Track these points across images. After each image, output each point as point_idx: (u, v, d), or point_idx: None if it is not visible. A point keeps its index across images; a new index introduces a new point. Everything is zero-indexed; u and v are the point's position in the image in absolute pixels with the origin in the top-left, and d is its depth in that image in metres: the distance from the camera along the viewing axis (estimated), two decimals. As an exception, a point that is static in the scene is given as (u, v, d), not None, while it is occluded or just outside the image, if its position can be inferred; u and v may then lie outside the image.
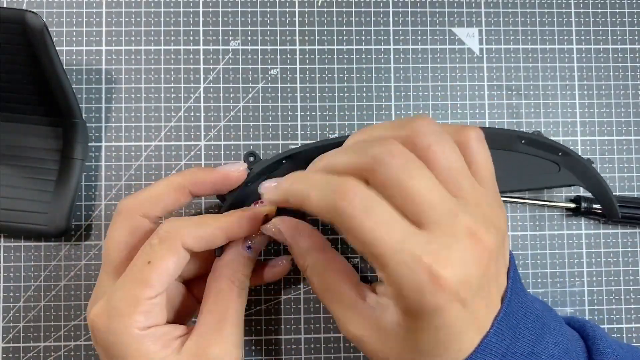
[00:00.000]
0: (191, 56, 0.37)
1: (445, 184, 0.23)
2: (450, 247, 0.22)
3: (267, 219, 0.29)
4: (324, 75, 0.37)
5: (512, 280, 0.25)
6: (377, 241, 0.22)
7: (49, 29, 0.31)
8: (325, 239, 0.28)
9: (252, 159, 0.32)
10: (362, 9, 0.38)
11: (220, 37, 0.37)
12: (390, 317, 0.24)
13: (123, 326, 0.25)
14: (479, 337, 0.24)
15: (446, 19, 0.38)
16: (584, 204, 0.36)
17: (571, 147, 0.38)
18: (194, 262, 0.30)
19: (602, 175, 0.38)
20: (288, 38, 0.37)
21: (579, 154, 0.38)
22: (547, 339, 0.25)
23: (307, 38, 0.37)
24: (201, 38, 0.37)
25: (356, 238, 0.23)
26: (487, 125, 0.38)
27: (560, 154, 0.33)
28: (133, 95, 0.36)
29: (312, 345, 0.36)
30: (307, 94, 0.37)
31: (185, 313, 0.30)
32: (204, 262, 0.30)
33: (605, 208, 0.33)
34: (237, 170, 0.30)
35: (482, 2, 0.38)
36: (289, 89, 0.37)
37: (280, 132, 0.37)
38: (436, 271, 0.21)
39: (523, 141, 0.32)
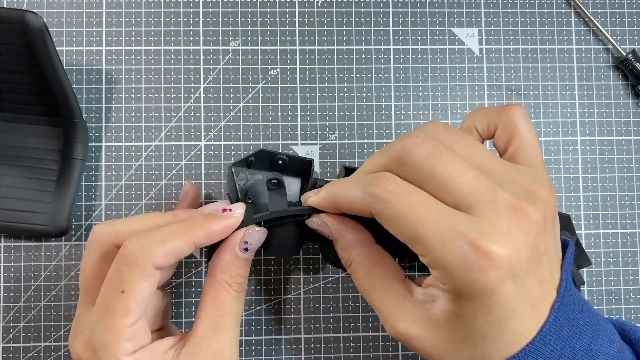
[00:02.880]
0: (191, 56, 0.37)
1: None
2: (494, 222, 0.21)
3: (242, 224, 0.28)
4: (324, 75, 0.37)
5: (566, 272, 0.24)
6: (416, 221, 0.22)
7: (49, 29, 0.31)
8: (370, 234, 0.27)
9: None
10: (362, 9, 0.38)
11: (220, 37, 0.37)
12: (440, 307, 0.23)
13: (111, 357, 0.25)
14: (534, 318, 0.22)
15: (446, 19, 0.38)
16: None
17: (571, 147, 0.38)
18: (166, 271, 0.29)
19: (601, 175, 0.38)
20: (288, 38, 0.37)
21: (579, 154, 0.38)
22: (602, 336, 0.24)
23: (307, 38, 0.37)
24: (201, 38, 0.37)
25: (395, 223, 0.22)
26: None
27: None
28: (133, 95, 0.36)
29: (312, 345, 0.36)
30: (307, 94, 0.37)
31: (166, 314, 0.30)
32: (174, 267, 0.30)
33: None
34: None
35: (482, 2, 0.38)
36: (289, 89, 0.37)
37: (280, 132, 0.37)
38: (483, 246, 0.20)
39: None
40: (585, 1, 0.39)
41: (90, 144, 0.36)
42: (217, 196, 0.36)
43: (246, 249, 0.28)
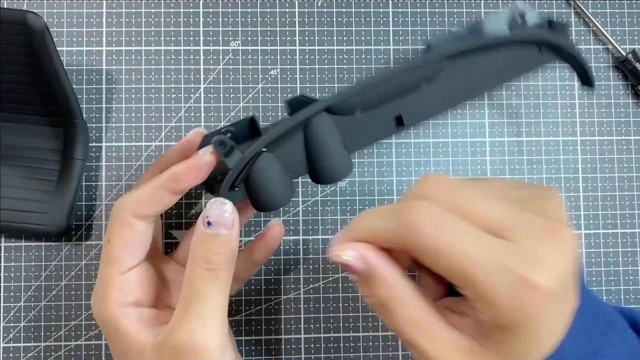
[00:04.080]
0: (191, 56, 0.37)
1: None
2: (536, 249, 0.21)
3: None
4: (324, 75, 0.37)
5: (581, 278, 0.24)
6: (457, 254, 0.21)
7: (50, 29, 0.31)
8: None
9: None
10: (362, 9, 0.38)
11: (220, 38, 0.37)
12: (481, 334, 0.22)
13: (102, 305, 0.27)
14: (561, 332, 0.23)
15: (446, 19, 0.38)
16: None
17: (571, 147, 0.38)
18: (152, 219, 0.29)
19: (601, 175, 0.38)
20: (288, 38, 0.37)
21: (579, 154, 0.38)
22: (612, 337, 0.24)
23: (307, 38, 0.37)
24: (201, 38, 0.37)
25: (433, 257, 0.21)
26: (487, 125, 0.38)
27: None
28: (133, 96, 0.36)
29: (312, 345, 0.36)
30: (307, 94, 0.37)
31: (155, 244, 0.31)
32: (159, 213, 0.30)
33: (583, 78, 0.32)
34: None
35: (482, 2, 0.38)
36: (289, 89, 0.37)
37: (280, 132, 0.37)
38: (532, 280, 0.20)
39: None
40: (585, 1, 0.39)
41: (90, 144, 0.36)
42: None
43: (209, 223, 0.26)
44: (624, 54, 0.37)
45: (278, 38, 0.37)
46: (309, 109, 0.26)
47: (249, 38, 0.37)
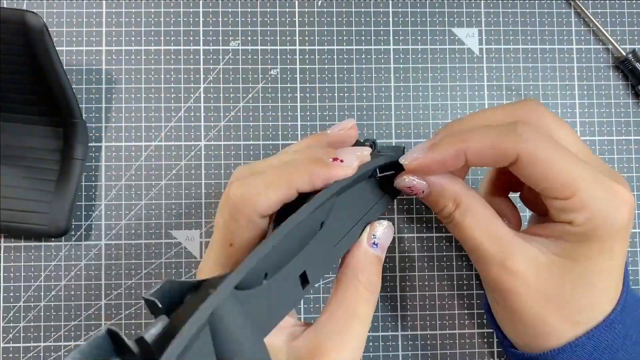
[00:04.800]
0: (191, 56, 0.37)
1: None
2: (616, 175, 0.26)
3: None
4: (324, 75, 0.37)
5: (626, 271, 0.28)
6: (566, 164, 0.24)
7: (49, 29, 0.31)
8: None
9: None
10: (362, 9, 0.38)
11: (220, 37, 0.37)
12: (557, 249, 0.26)
13: None
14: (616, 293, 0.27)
15: (446, 19, 0.38)
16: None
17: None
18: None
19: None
20: (288, 38, 0.37)
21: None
22: None
23: (307, 38, 0.37)
24: (201, 38, 0.37)
25: (543, 165, 0.24)
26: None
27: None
28: (133, 96, 0.36)
29: (312, 345, 0.36)
30: (307, 94, 0.37)
31: None
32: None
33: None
34: (345, 128, 0.28)
35: (482, 2, 0.38)
36: (289, 89, 0.37)
37: (280, 132, 0.37)
38: (620, 189, 0.25)
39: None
40: (585, 1, 0.39)
41: (90, 144, 0.36)
42: (217, 196, 0.36)
43: (375, 244, 0.26)
44: (624, 53, 0.37)
45: (278, 38, 0.37)
46: (213, 297, 0.18)
47: (249, 38, 0.37)
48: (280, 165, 0.25)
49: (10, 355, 0.35)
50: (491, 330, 0.36)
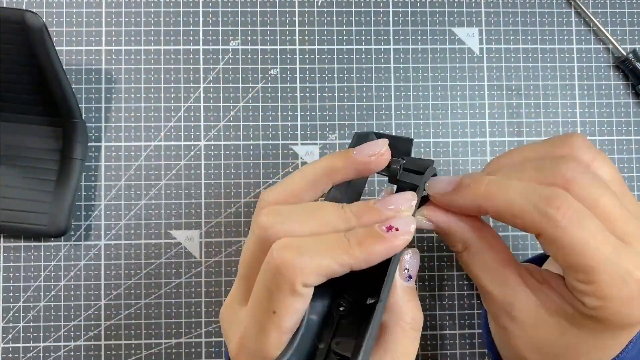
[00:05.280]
0: (191, 56, 0.37)
1: None
2: None
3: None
4: (324, 75, 0.37)
5: None
6: (589, 253, 0.22)
7: (49, 28, 0.31)
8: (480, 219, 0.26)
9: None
10: (362, 9, 0.38)
11: (220, 37, 0.37)
12: (564, 314, 0.24)
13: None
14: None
15: (446, 19, 0.38)
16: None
17: (571, 147, 0.38)
18: None
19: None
20: (288, 38, 0.37)
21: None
22: None
23: (307, 38, 0.37)
24: (201, 38, 0.37)
25: (565, 249, 0.22)
26: (487, 125, 0.38)
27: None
28: (133, 95, 0.36)
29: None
30: (307, 94, 0.37)
31: None
32: None
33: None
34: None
35: (482, 2, 0.38)
36: (289, 89, 0.37)
37: (280, 132, 0.37)
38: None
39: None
40: (586, 1, 0.38)
41: (89, 144, 0.36)
42: (217, 196, 0.36)
43: (410, 277, 0.24)
44: (625, 53, 0.37)
45: (278, 38, 0.37)
46: None
47: (249, 37, 0.37)
48: (327, 238, 0.23)
49: (10, 355, 0.35)
50: (491, 331, 0.36)
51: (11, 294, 0.35)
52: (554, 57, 0.38)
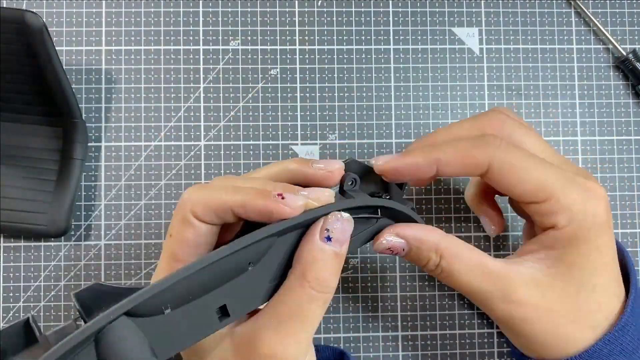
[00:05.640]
0: (191, 56, 0.37)
1: None
2: (585, 173, 0.28)
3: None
4: (324, 75, 0.37)
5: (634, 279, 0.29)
6: (541, 170, 0.25)
7: (49, 28, 0.31)
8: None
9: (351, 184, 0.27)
10: (362, 9, 0.38)
11: (220, 37, 0.37)
12: (550, 261, 0.26)
13: None
14: (619, 289, 0.27)
15: (446, 19, 0.38)
16: None
17: (571, 147, 0.38)
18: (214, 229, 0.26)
19: (601, 175, 0.38)
20: (288, 38, 0.37)
21: (579, 154, 0.38)
22: None
23: (307, 38, 0.37)
24: (201, 38, 0.37)
25: (518, 172, 0.25)
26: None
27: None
28: (133, 95, 0.36)
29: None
30: (307, 94, 0.37)
31: None
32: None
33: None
34: (326, 171, 0.26)
35: (482, 2, 0.38)
36: (289, 89, 0.37)
37: (280, 132, 0.37)
38: (592, 185, 0.26)
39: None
40: (586, 1, 0.38)
41: (90, 144, 0.36)
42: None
43: (329, 238, 0.24)
44: (624, 53, 0.37)
45: (278, 38, 0.37)
46: (101, 318, 0.20)
47: (249, 37, 0.37)
48: (231, 187, 0.24)
49: (10, 355, 0.35)
50: (491, 330, 0.36)
51: (11, 294, 0.35)
52: (554, 57, 0.38)
